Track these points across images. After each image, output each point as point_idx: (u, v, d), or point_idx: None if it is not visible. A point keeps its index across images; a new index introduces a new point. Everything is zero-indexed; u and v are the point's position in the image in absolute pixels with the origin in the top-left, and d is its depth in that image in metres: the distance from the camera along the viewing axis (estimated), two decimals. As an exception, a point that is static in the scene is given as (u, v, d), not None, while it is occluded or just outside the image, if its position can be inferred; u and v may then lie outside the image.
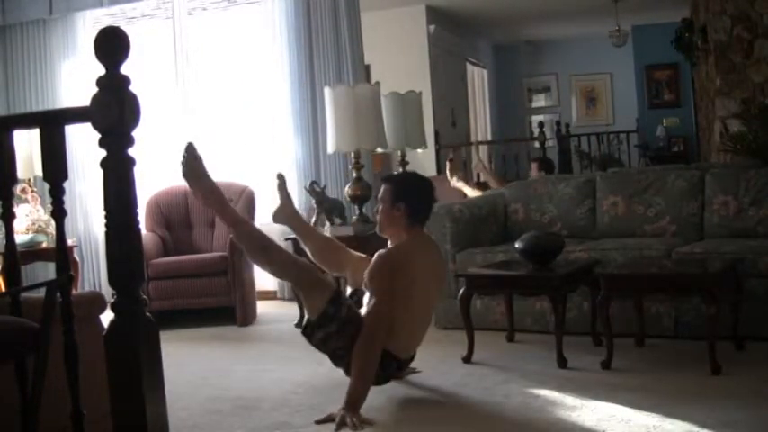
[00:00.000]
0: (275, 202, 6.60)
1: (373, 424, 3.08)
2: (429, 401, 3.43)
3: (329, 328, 3.23)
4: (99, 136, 2.13)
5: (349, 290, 3.64)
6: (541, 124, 10.53)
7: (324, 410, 3.23)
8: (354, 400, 3.12)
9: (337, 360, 3.37)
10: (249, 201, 5.99)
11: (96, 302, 2.78)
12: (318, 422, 3.12)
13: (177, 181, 6.65)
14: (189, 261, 5.64)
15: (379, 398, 3.34)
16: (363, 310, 3.33)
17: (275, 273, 3.51)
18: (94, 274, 6.81)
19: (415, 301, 3.32)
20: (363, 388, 3.16)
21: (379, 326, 3.20)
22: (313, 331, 3.28)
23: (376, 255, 3.35)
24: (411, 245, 3.40)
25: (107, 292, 2.41)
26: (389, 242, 3.51)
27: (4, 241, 2.51)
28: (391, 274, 3.25)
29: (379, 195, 3.51)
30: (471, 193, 6.22)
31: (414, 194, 3.45)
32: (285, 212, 3.95)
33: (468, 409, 3.27)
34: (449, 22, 10.48)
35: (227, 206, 3.41)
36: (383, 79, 6.29)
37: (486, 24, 11.68)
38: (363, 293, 3.49)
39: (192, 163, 3.36)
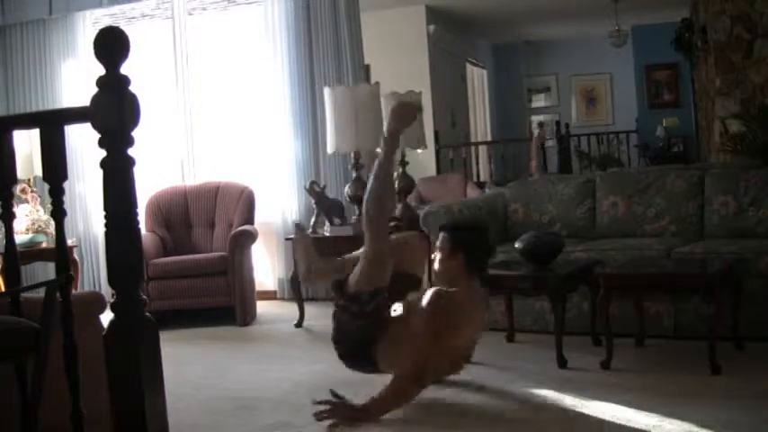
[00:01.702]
0: (274, 201, 6.62)
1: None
2: (428, 402, 3.42)
3: (352, 310, 3.30)
4: (99, 136, 2.13)
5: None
6: (541, 124, 10.53)
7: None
8: (369, 414, 3.12)
9: (337, 334, 3.38)
10: (249, 201, 5.99)
11: (96, 302, 2.78)
12: (317, 402, 3.13)
13: (177, 181, 6.69)
14: (189, 261, 5.64)
15: (378, 398, 3.34)
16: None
17: (370, 230, 3.40)
18: (94, 274, 6.81)
19: (447, 346, 3.30)
20: (384, 410, 3.15)
21: (428, 365, 3.18)
22: (342, 296, 3.35)
23: (436, 292, 3.29)
24: (468, 296, 3.37)
25: (107, 292, 2.41)
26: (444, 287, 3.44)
27: (4, 241, 2.51)
28: (444, 319, 3.23)
29: (438, 243, 3.50)
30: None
31: (471, 243, 3.44)
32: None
33: (467, 408, 3.27)
34: (448, 23, 10.48)
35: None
36: (383, 79, 6.29)
37: (486, 24, 11.68)
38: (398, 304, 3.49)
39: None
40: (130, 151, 2.15)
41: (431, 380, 3.32)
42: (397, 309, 3.43)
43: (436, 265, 3.49)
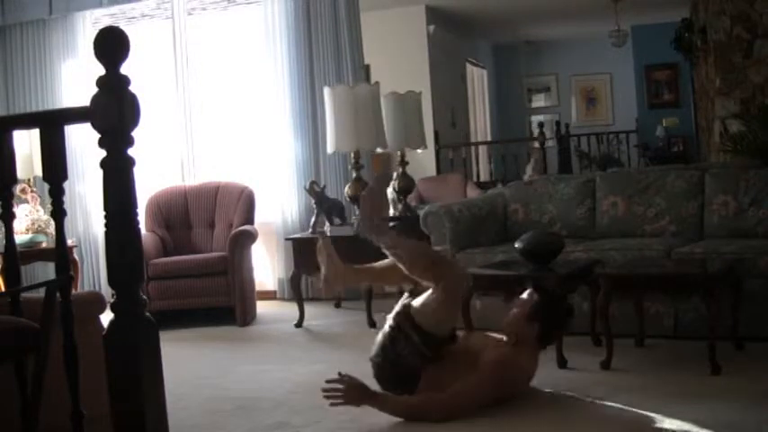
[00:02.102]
0: (274, 201, 6.62)
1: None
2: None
3: (413, 338, 3.17)
4: (99, 136, 2.13)
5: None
6: (541, 124, 10.54)
7: (324, 410, 3.22)
8: (380, 405, 3.10)
9: (383, 354, 3.27)
10: (249, 201, 5.99)
11: (96, 302, 2.78)
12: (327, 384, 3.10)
13: (177, 181, 6.69)
14: (189, 261, 5.64)
15: (378, 398, 3.34)
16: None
17: (435, 277, 3.27)
18: (94, 274, 6.81)
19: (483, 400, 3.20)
20: (396, 413, 3.12)
21: (450, 412, 3.09)
22: (406, 331, 3.20)
23: (501, 360, 3.20)
24: (531, 365, 3.31)
25: (107, 292, 2.41)
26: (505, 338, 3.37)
27: (4, 241, 2.51)
28: (502, 388, 3.18)
29: (524, 296, 3.40)
30: None
31: (555, 320, 3.37)
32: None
33: (468, 409, 3.26)
34: (448, 23, 10.48)
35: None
36: (383, 79, 6.28)
37: (486, 24, 11.68)
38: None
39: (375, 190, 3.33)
40: (130, 151, 2.15)
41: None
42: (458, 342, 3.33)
43: (510, 318, 3.36)
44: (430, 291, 3.24)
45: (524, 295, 3.41)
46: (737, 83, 7.24)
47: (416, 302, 3.26)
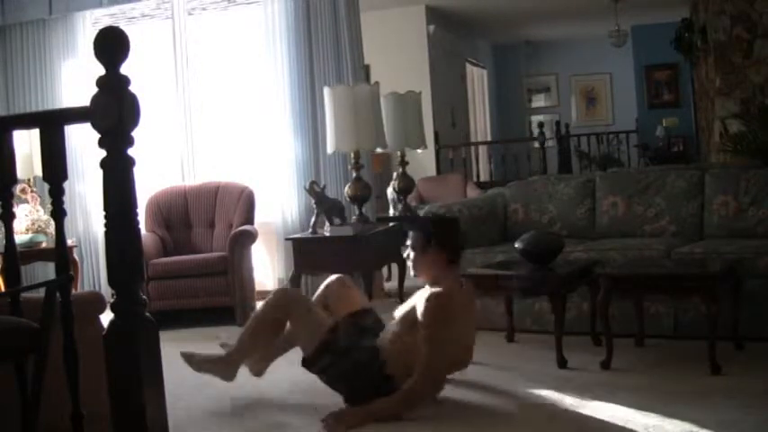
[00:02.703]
0: (274, 201, 6.62)
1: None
2: (428, 401, 3.42)
3: (331, 358, 3.29)
4: (99, 136, 2.13)
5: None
6: (541, 124, 10.54)
7: (324, 410, 3.23)
8: (371, 415, 3.11)
9: (339, 386, 3.36)
10: (249, 201, 5.99)
11: (96, 302, 2.78)
12: (323, 420, 3.11)
13: (177, 181, 6.69)
14: (189, 261, 5.64)
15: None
16: (385, 336, 3.35)
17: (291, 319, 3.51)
18: (94, 274, 6.81)
19: (451, 348, 3.27)
20: (387, 414, 3.13)
21: (435, 380, 3.17)
22: (314, 362, 3.33)
23: (432, 295, 3.25)
24: (457, 288, 3.36)
25: (107, 292, 2.41)
26: (428, 285, 3.44)
27: (4, 241, 2.51)
28: (446, 322, 3.21)
29: (409, 242, 3.48)
30: None
31: (443, 235, 3.43)
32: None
33: (467, 409, 3.27)
34: (448, 23, 10.49)
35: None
36: (383, 79, 6.29)
37: (486, 24, 11.69)
38: (360, 317, 3.48)
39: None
40: (130, 151, 2.15)
41: (444, 384, 3.30)
42: (388, 330, 3.40)
43: (411, 264, 3.47)
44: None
45: (410, 241, 3.47)
46: (737, 83, 7.24)
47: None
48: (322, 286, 3.74)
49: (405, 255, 3.68)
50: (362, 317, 3.51)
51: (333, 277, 3.73)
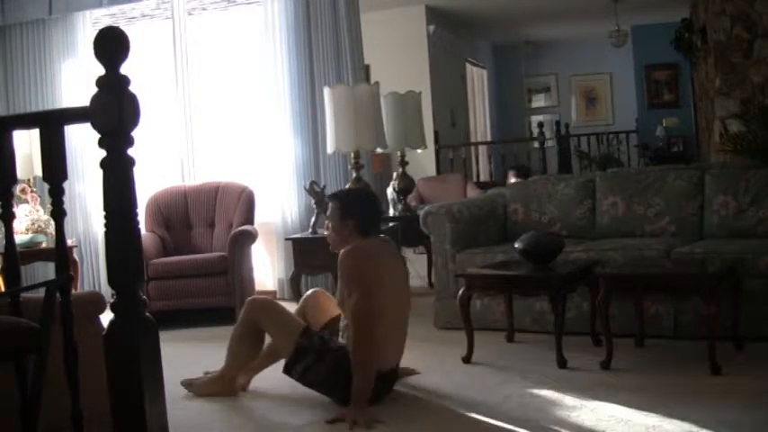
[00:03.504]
0: (274, 201, 6.63)
1: (384, 422, 3.08)
2: (429, 402, 3.43)
3: (307, 360, 3.31)
4: (99, 136, 2.13)
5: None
6: (541, 124, 10.54)
7: (324, 410, 3.24)
8: (360, 397, 3.14)
9: (323, 390, 3.39)
10: (249, 201, 5.99)
11: (96, 302, 2.78)
12: (329, 422, 3.12)
13: (177, 181, 6.69)
14: (189, 261, 5.64)
15: (378, 398, 3.34)
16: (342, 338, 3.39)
17: (266, 328, 3.56)
18: (94, 274, 6.81)
19: (387, 306, 3.30)
20: (366, 384, 3.17)
21: (367, 318, 3.21)
22: (293, 367, 3.36)
23: (342, 251, 3.36)
24: (369, 244, 3.43)
25: (107, 292, 2.41)
26: None
27: (4, 241, 2.51)
28: (362, 268, 3.29)
29: (328, 214, 3.56)
30: None
31: (360, 208, 3.49)
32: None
33: (468, 409, 3.27)
34: (448, 23, 10.49)
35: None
36: (383, 79, 6.29)
37: (486, 24, 11.69)
38: (335, 326, 3.52)
39: None
40: (130, 151, 2.15)
41: (392, 359, 3.36)
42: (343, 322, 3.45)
43: (327, 233, 3.53)
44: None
45: (328, 212, 3.55)
46: (737, 83, 7.24)
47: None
48: (301, 300, 3.82)
49: (324, 227, 3.72)
50: (335, 322, 3.55)
51: (310, 291, 3.83)
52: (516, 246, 4.10)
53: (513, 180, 6.76)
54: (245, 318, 3.58)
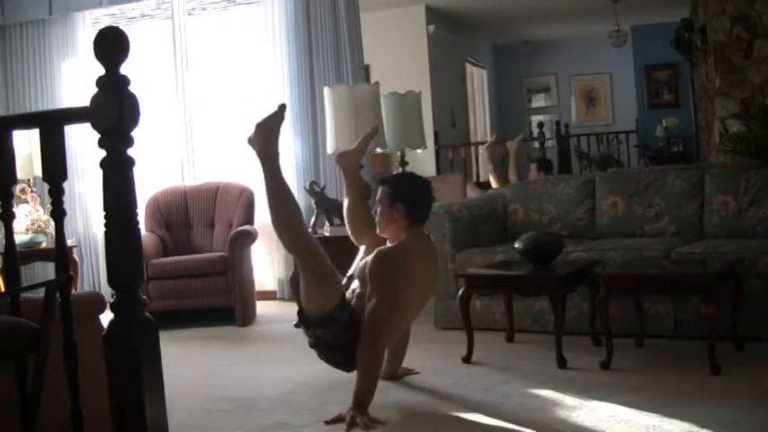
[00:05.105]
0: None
1: (385, 423, 3.08)
2: (429, 402, 3.43)
3: (331, 329, 3.21)
4: (99, 136, 2.13)
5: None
6: (541, 124, 10.53)
7: (324, 410, 3.24)
8: (362, 400, 3.13)
9: (330, 358, 3.37)
10: (249, 201, 5.99)
11: (96, 302, 2.78)
12: (328, 422, 3.12)
13: (177, 181, 6.69)
14: (188, 261, 5.64)
15: (378, 398, 3.34)
16: (352, 297, 3.33)
17: (297, 251, 3.38)
18: (94, 274, 6.81)
19: (405, 304, 3.29)
20: (370, 388, 3.16)
21: (383, 327, 3.18)
22: (312, 329, 3.26)
23: (377, 251, 3.30)
24: (411, 246, 3.36)
25: (107, 292, 2.41)
26: (388, 242, 3.49)
27: (4, 241, 2.51)
28: (392, 275, 3.22)
29: (377, 197, 3.47)
30: (494, 183, 6.42)
31: (411, 194, 3.42)
32: (350, 160, 3.87)
33: (467, 409, 3.27)
34: (448, 23, 10.48)
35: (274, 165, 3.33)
36: (383, 79, 6.28)
37: (486, 24, 11.68)
38: (354, 279, 3.47)
39: (272, 121, 3.23)
40: (130, 151, 2.15)
41: (378, 351, 3.25)
42: (351, 288, 3.40)
43: (377, 218, 3.46)
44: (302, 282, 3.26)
45: (378, 195, 3.47)
46: (737, 83, 7.23)
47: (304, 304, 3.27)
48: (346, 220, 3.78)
49: (372, 212, 3.63)
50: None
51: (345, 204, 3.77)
52: (516, 246, 4.10)
53: (534, 173, 6.70)
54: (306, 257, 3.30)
